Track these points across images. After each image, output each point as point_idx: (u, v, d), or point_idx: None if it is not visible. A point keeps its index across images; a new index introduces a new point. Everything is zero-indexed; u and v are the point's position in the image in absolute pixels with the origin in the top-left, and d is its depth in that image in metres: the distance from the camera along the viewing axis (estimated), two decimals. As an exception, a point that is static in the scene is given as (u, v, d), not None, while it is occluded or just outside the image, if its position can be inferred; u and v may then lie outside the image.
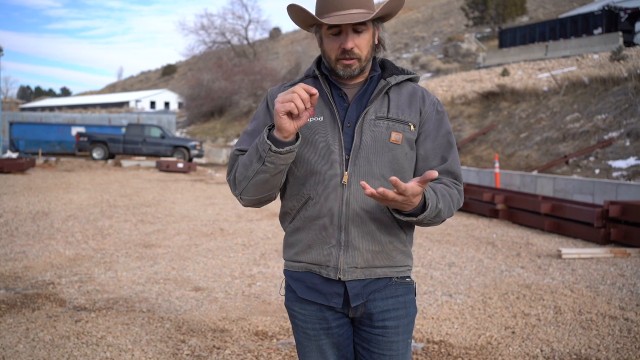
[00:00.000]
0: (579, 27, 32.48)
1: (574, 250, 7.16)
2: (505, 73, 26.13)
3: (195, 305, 4.87)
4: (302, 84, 1.63)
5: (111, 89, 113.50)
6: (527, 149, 15.98)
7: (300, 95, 1.60)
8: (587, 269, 6.45)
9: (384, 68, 1.91)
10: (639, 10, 30.67)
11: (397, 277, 1.85)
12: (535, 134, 16.66)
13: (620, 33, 29.58)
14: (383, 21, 1.86)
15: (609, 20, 30.86)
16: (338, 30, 1.76)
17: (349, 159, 1.77)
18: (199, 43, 54.37)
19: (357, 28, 1.75)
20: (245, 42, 54.19)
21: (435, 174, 1.52)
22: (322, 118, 1.82)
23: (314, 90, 1.62)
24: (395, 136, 1.80)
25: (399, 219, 1.78)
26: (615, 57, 21.49)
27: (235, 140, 34.24)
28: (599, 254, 7.11)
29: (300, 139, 1.71)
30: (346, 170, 1.77)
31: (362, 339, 1.88)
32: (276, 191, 1.83)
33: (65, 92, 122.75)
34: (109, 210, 10.20)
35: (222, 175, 19.99)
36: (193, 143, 24.62)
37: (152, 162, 21.89)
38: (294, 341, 3.98)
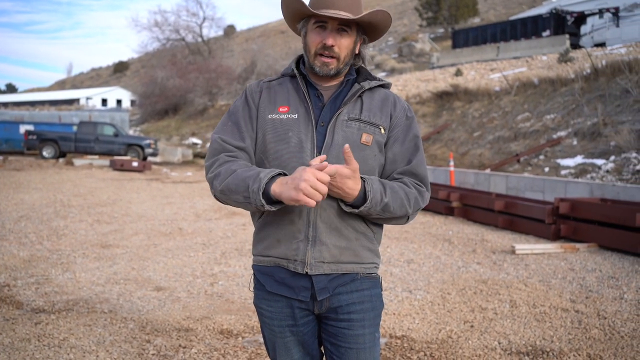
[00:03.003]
0: (529, 29, 33.44)
1: (526, 246, 7.42)
2: (458, 73, 26.68)
3: (158, 305, 4.84)
4: (316, 173, 1.63)
5: (60, 85, 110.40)
6: (480, 147, 16.39)
7: (323, 192, 1.64)
8: (540, 264, 6.69)
9: (358, 73, 1.99)
10: (585, 14, 31.79)
11: (363, 273, 1.90)
12: (488, 133, 17.10)
13: (567, 35, 30.61)
14: (368, 35, 1.97)
15: (557, 23, 31.89)
16: (323, 25, 1.86)
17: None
18: (153, 40, 53.58)
19: (341, 29, 1.86)
20: (199, 39, 53.58)
21: (346, 146, 1.63)
22: (296, 116, 1.88)
23: (326, 165, 1.65)
24: (365, 137, 1.86)
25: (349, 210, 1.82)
26: (563, 59, 22.24)
27: (192, 140, 33.83)
28: (550, 250, 7.38)
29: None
30: None
31: (329, 334, 1.92)
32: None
33: (11, 89, 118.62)
34: (63, 210, 9.97)
35: (177, 174, 19.75)
36: (147, 141, 24.22)
37: (105, 161, 21.44)
38: (261, 338, 4.02)
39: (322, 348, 2.04)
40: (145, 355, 3.67)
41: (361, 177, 1.76)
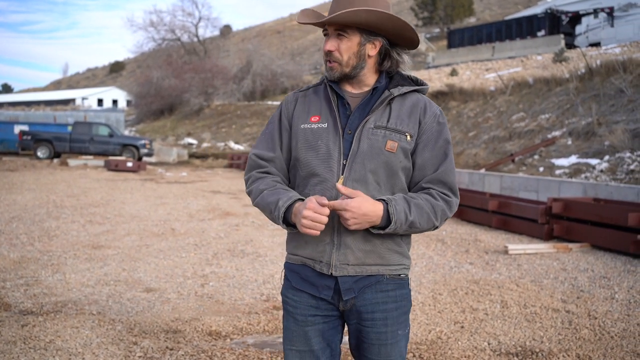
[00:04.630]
0: (524, 29, 33.48)
1: (519, 246, 7.41)
2: (454, 73, 26.69)
3: (147, 307, 4.81)
4: (315, 207, 1.78)
5: (56, 85, 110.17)
6: (475, 147, 16.39)
7: (323, 222, 1.80)
8: (532, 264, 6.69)
9: (392, 79, 2.03)
10: (579, 14, 31.83)
11: (390, 275, 1.96)
12: (483, 133, 17.10)
13: (562, 35, 30.65)
14: (386, 38, 1.96)
15: (552, 22, 31.92)
16: (326, 33, 1.96)
17: (346, 164, 1.91)
18: (148, 40, 53.50)
19: (339, 34, 1.92)
20: (195, 39, 53.53)
21: (341, 189, 1.79)
22: (326, 125, 1.97)
23: (325, 202, 1.79)
24: (390, 144, 1.91)
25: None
26: (558, 59, 22.26)
27: (188, 140, 33.78)
28: (542, 250, 7.37)
29: None
30: (342, 175, 1.90)
31: (352, 331, 2.01)
32: None
33: (7, 89, 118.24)
34: (56, 211, 9.93)
35: (172, 174, 19.70)
36: (143, 142, 24.17)
37: (100, 161, 21.39)
38: (249, 339, 4.00)
39: (342, 344, 2.12)
40: (132, 357, 3.64)
41: (384, 199, 1.85)
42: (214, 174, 20.66)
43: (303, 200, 1.88)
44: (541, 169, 12.85)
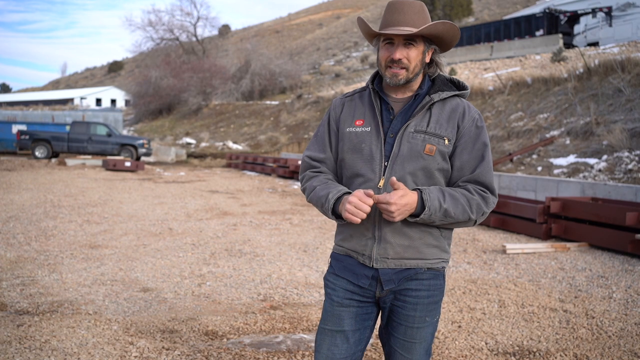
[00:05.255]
0: (522, 28, 33.44)
1: (517, 245, 7.40)
2: (452, 73, 26.69)
3: (144, 306, 4.79)
4: (360, 196, 1.96)
5: (54, 85, 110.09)
6: (473, 147, 16.38)
7: (362, 207, 1.96)
8: (530, 263, 6.68)
9: (434, 83, 2.17)
10: (578, 14, 31.83)
11: (427, 267, 2.11)
12: (481, 133, 17.09)
13: (560, 35, 30.64)
14: (436, 45, 2.14)
15: (550, 22, 31.90)
16: (391, 42, 2.08)
17: (387, 165, 2.06)
18: (147, 39, 53.48)
19: (407, 42, 2.06)
20: (194, 39, 53.48)
21: (393, 181, 1.92)
22: (369, 129, 2.13)
23: (371, 193, 1.97)
24: (429, 148, 2.05)
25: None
26: (556, 59, 22.26)
27: (186, 139, 33.74)
28: (540, 249, 7.36)
29: None
30: (383, 175, 2.06)
31: (384, 311, 2.19)
32: None
33: (5, 89, 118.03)
34: (53, 210, 9.91)
35: (170, 174, 19.68)
36: (141, 141, 24.14)
37: (98, 161, 21.36)
38: (246, 339, 3.98)
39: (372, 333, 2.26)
40: (128, 357, 3.62)
41: (419, 188, 2.00)
42: (212, 173, 20.64)
43: (351, 193, 2.05)
44: (539, 168, 12.85)
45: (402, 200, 1.92)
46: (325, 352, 2.17)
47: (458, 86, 2.19)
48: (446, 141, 2.06)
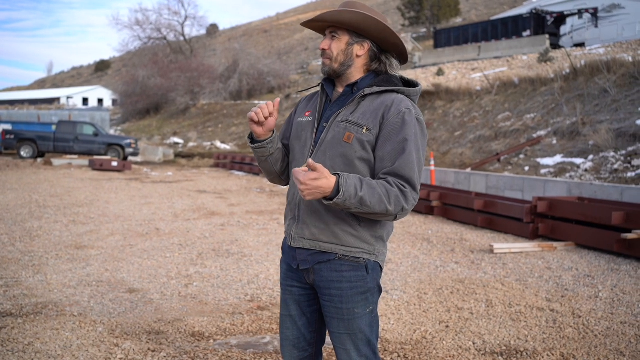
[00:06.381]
0: (509, 29, 33.63)
1: (505, 245, 7.42)
2: (440, 73, 26.77)
3: (130, 308, 4.75)
4: (268, 102, 2.18)
5: (40, 84, 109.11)
6: (462, 146, 16.43)
7: (261, 108, 2.16)
8: (517, 263, 6.70)
9: (376, 78, 2.24)
10: (564, 15, 32.05)
11: (343, 255, 2.14)
12: (469, 132, 17.16)
13: (547, 36, 30.84)
14: (371, 40, 2.20)
15: (537, 23, 32.11)
16: (325, 34, 2.24)
17: (314, 151, 2.16)
18: (134, 39, 53.07)
19: (332, 34, 2.20)
20: (181, 38, 53.24)
21: (310, 162, 1.89)
22: (311, 118, 2.26)
23: (274, 103, 2.18)
24: (347, 135, 2.12)
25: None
26: (543, 59, 22.40)
27: (174, 139, 33.57)
28: (528, 249, 7.39)
29: (270, 138, 2.23)
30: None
31: (320, 305, 2.27)
32: (275, 175, 2.39)
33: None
34: (38, 210, 9.81)
35: (158, 174, 19.56)
36: (128, 141, 23.96)
37: (85, 161, 21.17)
38: (232, 341, 3.95)
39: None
40: (113, 359, 3.58)
41: (337, 173, 1.98)
42: (200, 173, 20.54)
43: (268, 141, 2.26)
44: (526, 168, 12.91)
45: (314, 182, 1.90)
46: (282, 334, 2.34)
47: (406, 83, 2.26)
48: (364, 130, 2.10)
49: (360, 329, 2.17)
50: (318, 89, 2.34)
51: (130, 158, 24.30)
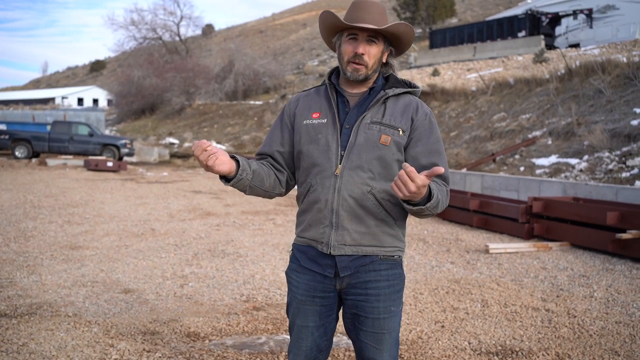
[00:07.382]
0: (505, 29, 33.71)
1: (500, 245, 7.44)
2: (435, 73, 26.80)
3: (125, 308, 4.73)
4: (196, 142, 2.02)
5: (35, 84, 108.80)
6: (457, 147, 16.46)
7: (197, 154, 2.02)
8: (513, 263, 6.71)
9: (387, 81, 2.27)
10: (559, 15, 32.14)
11: (384, 255, 2.17)
12: (464, 133, 17.19)
13: (542, 36, 30.92)
14: (394, 47, 2.26)
15: (532, 24, 32.19)
16: (355, 37, 2.16)
17: (343, 154, 2.13)
18: (129, 39, 52.98)
19: (370, 39, 2.15)
20: (177, 38, 53.14)
21: (441, 169, 1.82)
22: (325, 120, 2.21)
23: (206, 144, 2.01)
24: (384, 138, 2.13)
25: (393, 207, 2.14)
26: (538, 60, 22.45)
27: (169, 139, 33.51)
28: (523, 249, 7.41)
29: (240, 169, 2.10)
30: (339, 164, 2.13)
31: (349, 306, 2.22)
32: (270, 193, 2.27)
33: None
34: (33, 211, 9.77)
35: (153, 174, 19.52)
36: (123, 141, 23.90)
37: (80, 161, 21.10)
38: (228, 341, 3.94)
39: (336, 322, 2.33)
40: (108, 360, 3.57)
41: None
42: (195, 173, 20.51)
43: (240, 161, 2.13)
44: (522, 168, 12.94)
45: (422, 190, 1.88)
46: (296, 343, 2.29)
47: (409, 85, 2.30)
48: (400, 132, 2.15)
49: (393, 328, 2.21)
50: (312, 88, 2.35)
51: (126, 158, 24.24)
